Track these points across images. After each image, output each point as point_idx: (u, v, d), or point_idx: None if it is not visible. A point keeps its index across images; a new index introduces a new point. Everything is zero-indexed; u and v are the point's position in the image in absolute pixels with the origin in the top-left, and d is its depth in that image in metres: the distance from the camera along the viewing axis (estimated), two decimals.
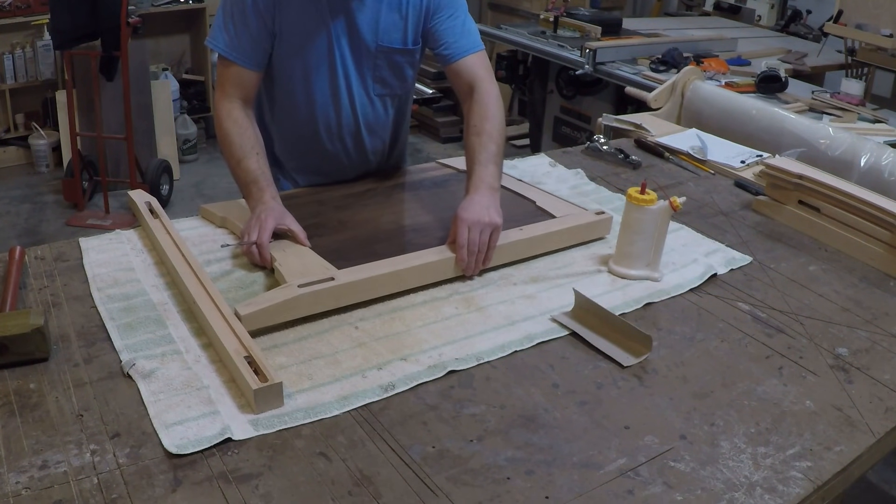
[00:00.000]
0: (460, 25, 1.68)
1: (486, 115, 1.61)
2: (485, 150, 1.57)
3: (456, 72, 1.69)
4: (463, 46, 1.68)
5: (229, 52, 1.58)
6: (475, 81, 1.67)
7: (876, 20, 3.06)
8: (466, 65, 1.68)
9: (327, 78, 1.68)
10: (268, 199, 1.50)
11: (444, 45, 1.68)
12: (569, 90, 3.97)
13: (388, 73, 1.72)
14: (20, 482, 0.93)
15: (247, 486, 0.96)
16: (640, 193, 1.44)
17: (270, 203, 1.49)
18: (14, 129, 4.70)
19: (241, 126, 1.58)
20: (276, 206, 1.49)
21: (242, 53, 1.59)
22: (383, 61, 1.69)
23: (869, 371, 1.26)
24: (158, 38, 5.02)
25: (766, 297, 1.47)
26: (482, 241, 1.43)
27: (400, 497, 0.96)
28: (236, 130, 1.57)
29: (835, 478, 1.05)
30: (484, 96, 1.64)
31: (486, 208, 1.46)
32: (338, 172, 1.83)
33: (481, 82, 1.66)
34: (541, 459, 1.03)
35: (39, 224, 4.07)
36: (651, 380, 1.21)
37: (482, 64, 1.70)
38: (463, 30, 1.68)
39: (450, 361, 1.21)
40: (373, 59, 1.68)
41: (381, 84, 1.73)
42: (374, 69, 1.70)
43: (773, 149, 2.23)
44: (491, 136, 1.59)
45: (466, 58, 1.68)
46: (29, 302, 1.30)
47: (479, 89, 1.65)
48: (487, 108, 1.62)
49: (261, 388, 1.06)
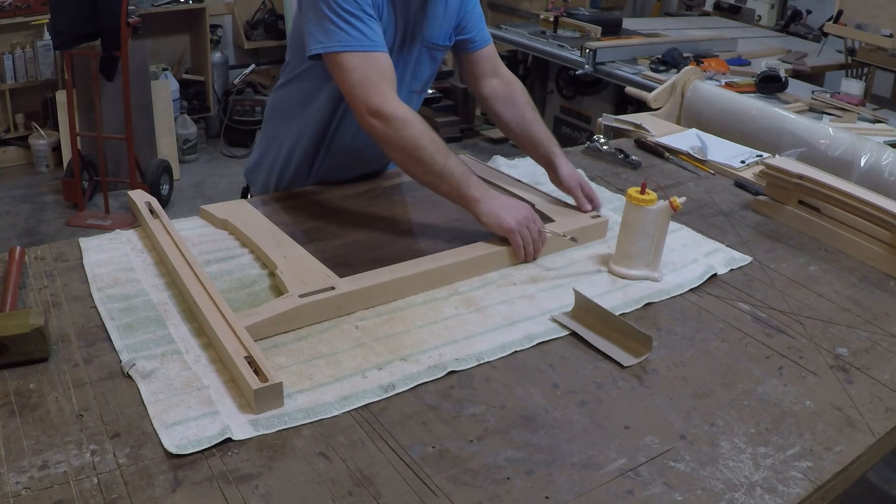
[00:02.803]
0: (479, 12, 1.76)
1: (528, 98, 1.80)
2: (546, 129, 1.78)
3: (478, 59, 1.77)
4: (485, 35, 1.78)
5: (363, 45, 1.42)
6: (496, 66, 1.79)
7: (876, 20, 3.06)
8: (490, 51, 1.79)
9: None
10: (496, 193, 1.55)
11: (470, 34, 1.74)
12: (569, 90, 3.97)
13: (426, 67, 1.73)
14: (20, 482, 0.93)
15: (247, 486, 0.96)
16: (640, 193, 1.44)
17: (503, 196, 1.56)
18: (14, 129, 4.70)
19: (422, 122, 1.46)
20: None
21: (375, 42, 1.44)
22: (425, 56, 1.70)
23: (869, 371, 1.26)
24: (158, 38, 5.02)
25: (766, 297, 1.47)
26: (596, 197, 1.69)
27: (400, 497, 0.96)
28: (424, 128, 1.45)
29: (835, 478, 1.05)
30: (515, 82, 1.79)
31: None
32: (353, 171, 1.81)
33: (502, 67, 1.80)
34: (541, 459, 1.03)
35: (39, 224, 4.07)
36: (651, 380, 1.21)
37: (496, 52, 1.82)
38: (481, 17, 1.77)
39: (450, 361, 1.21)
40: (416, 55, 1.68)
41: (417, 80, 1.74)
42: (415, 65, 1.70)
43: (773, 149, 2.23)
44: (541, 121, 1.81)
45: (490, 45, 1.79)
46: (29, 302, 1.30)
47: (504, 75, 1.79)
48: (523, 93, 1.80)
49: (261, 388, 1.06)
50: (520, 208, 1.50)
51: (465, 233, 1.56)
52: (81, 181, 4.15)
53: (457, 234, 1.57)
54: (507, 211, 1.48)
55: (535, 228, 1.50)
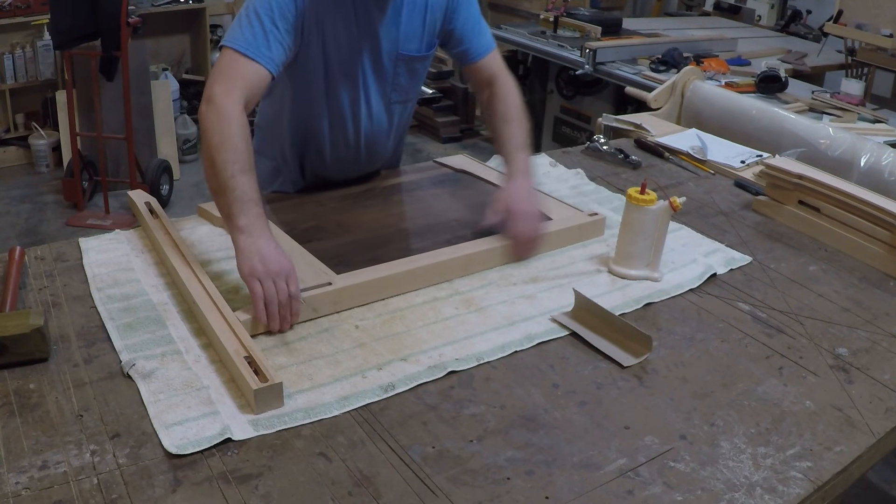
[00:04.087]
0: (478, 25, 1.73)
1: (512, 103, 1.70)
2: (517, 136, 1.65)
3: (475, 69, 1.75)
4: (482, 45, 1.73)
5: (248, 49, 1.44)
6: (495, 76, 1.74)
7: (876, 20, 3.06)
8: (487, 62, 1.74)
9: (348, 90, 1.65)
10: (268, 235, 1.31)
11: (465, 46, 1.72)
12: (569, 90, 3.97)
13: (405, 79, 1.72)
14: (20, 482, 0.93)
15: (247, 486, 0.96)
16: (640, 193, 1.44)
17: (271, 242, 1.31)
18: (14, 129, 4.69)
19: (245, 132, 1.36)
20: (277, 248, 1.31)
21: (264, 53, 1.45)
22: (402, 69, 1.69)
23: (869, 371, 1.26)
24: (158, 38, 5.02)
25: (766, 297, 1.47)
26: (536, 231, 1.51)
27: (400, 497, 0.96)
28: (242, 135, 1.35)
29: (835, 478, 1.05)
30: (506, 88, 1.72)
31: (530, 195, 1.55)
32: (342, 174, 1.82)
33: (501, 75, 1.74)
34: (541, 459, 1.03)
35: (39, 224, 4.07)
36: (651, 380, 1.21)
37: (499, 60, 1.76)
38: (480, 29, 1.73)
39: (450, 362, 1.21)
40: (392, 68, 1.67)
41: (399, 91, 1.73)
42: (392, 77, 1.69)
43: (773, 149, 2.23)
44: (520, 122, 1.68)
45: (487, 56, 1.74)
46: (29, 302, 1.30)
47: (500, 82, 1.73)
48: (512, 97, 1.71)
49: (261, 389, 1.06)
50: (281, 262, 1.26)
51: (465, 233, 1.56)
52: (81, 181, 4.15)
53: (456, 234, 1.57)
54: (264, 258, 1.25)
55: (285, 290, 1.24)
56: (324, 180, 1.81)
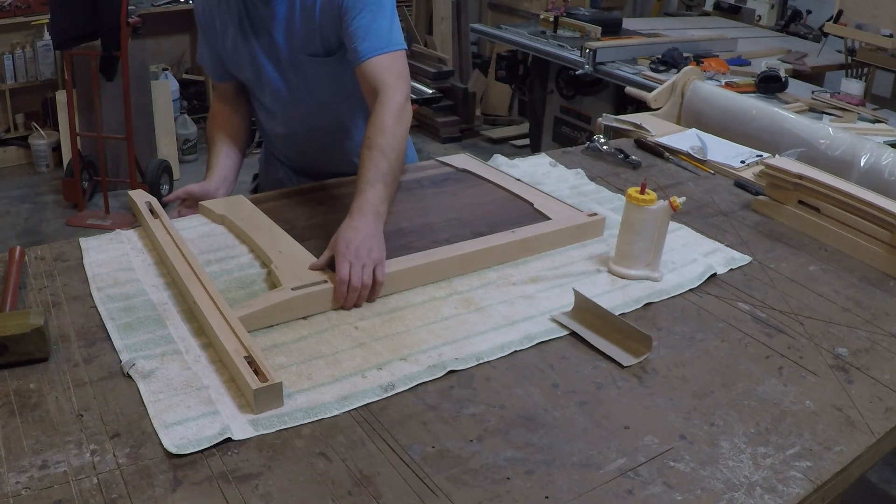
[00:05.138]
0: (366, 25, 1.53)
1: (382, 126, 1.47)
2: (375, 166, 1.44)
3: (360, 75, 1.55)
4: (368, 48, 1.53)
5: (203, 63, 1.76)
6: (379, 86, 1.52)
7: (876, 20, 3.06)
8: (370, 68, 1.53)
9: (267, 91, 1.72)
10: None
11: (350, 48, 1.56)
12: (569, 90, 3.96)
13: (324, 81, 1.67)
14: (20, 482, 0.93)
15: (247, 486, 0.96)
16: (640, 193, 1.44)
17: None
18: (14, 129, 4.70)
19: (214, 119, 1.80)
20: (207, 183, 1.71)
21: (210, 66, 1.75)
22: (311, 70, 1.64)
23: (869, 371, 1.26)
24: (158, 38, 5.03)
25: (765, 297, 1.47)
26: (366, 279, 1.32)
27: (400, 497, 0.96)
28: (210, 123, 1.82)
29: (835, 478, 1.05)
30: (383, 105, 1.50)
31: (368, 238, 1.35)
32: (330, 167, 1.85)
33: (385, 87, 1.51)
34: (541, 459, 1.03)
35: (39, 224, 4.07)
36: (651, 380, 1.21)
37: (390, 67, 1.54)
38: (370, 29, 1.53)
39: (449, 361, 1.21)
40: (300, 69, 1.65)
41: (326, 92, 1.68)
42: (305, 79, 1.66)
43: (773, 149, 2.23)
44: (383, 151, 1.45)
45: (370, 60, 1.53)
46: (29, 302, 1.30)
47: (381, 97, 1.51)
48: (384, 118, 1.48)
49: (261, 388, 1.06)
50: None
51: (464, 232, 1.56)
52: (81, 181, 4.15)
53: (455, 233, 1.57)
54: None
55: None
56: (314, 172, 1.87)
